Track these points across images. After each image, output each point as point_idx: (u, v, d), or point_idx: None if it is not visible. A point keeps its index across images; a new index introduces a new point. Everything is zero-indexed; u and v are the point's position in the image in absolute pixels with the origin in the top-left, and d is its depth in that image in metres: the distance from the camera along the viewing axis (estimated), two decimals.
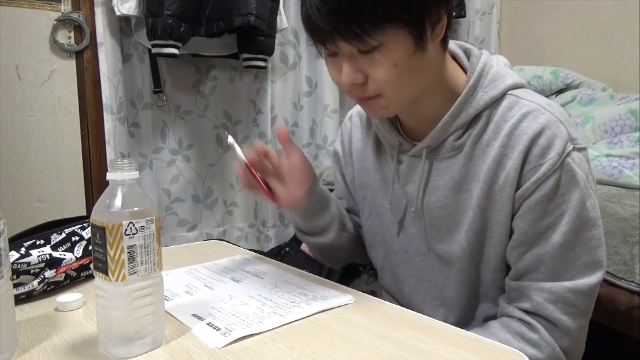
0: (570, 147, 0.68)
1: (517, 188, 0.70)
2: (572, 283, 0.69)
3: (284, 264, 0.87)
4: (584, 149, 0.71)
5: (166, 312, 0.65)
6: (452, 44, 0.78)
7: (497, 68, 0.75)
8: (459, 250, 0.75)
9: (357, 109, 0.94)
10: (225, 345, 0.56)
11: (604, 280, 1.07)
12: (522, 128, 0.69)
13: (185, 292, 0.73)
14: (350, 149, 0.93)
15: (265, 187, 0.78)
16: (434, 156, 0.77)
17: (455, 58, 0.78)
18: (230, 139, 0.78)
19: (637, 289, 1.04)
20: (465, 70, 0.77)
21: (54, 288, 0.72)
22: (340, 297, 0.69)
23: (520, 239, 0.71)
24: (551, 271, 0.69)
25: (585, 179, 0.69)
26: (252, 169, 0.78)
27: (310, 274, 0.81)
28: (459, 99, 0.73)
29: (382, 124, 0.82)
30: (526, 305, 0.71)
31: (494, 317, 0.76)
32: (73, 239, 0.74)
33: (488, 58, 0.76)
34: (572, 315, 0.70)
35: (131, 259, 0.52)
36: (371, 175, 0.88)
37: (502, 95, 0.73)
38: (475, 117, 0.73)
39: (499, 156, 0.71)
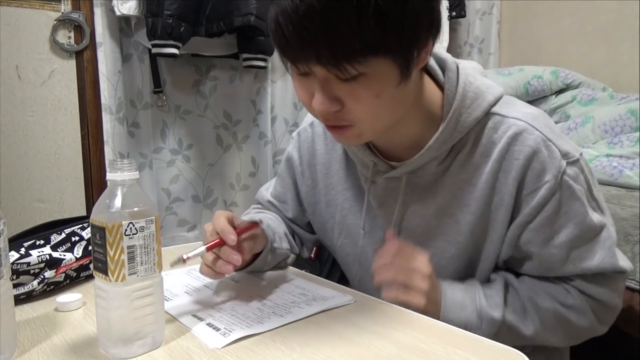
0: (564, 164, 0.67)
1: (514, 213, 0.70)
2: (599, 261, 0.70)
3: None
4: (577, 160, 0.69)
5: (166, 312, 0.65)
6: None
7: (477, 84, 0.71)
8: (440, 270, 0.73)
9: None
10: (225, 346, 0.56)
11: None
12: (513, 152, 0.68)
13: (185, 292, 0.73)
14: (312, 161, 0.88)
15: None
16: (414, 178, 0.74)
17: (429, 72, 0.72)
18: (185, 255, 0.66)
19: (638, 287, 1.04)
20: (440, 85, 0.72)
21: (53, 288, 0.72)
22: (340, 298, 0.69)
23: (538, 264, 0.72)
24: (570, 261, 0.70)
25: (586, 189, 0.69)
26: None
27: (310, 274, 0.81)
28: (444, 124, 0.68)
29: None
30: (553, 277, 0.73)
31: None
32: (73, 239, 0.74)
33: (466, 73, 0.71)
34: (608, 287, 0.72)
35: (131, 259, 0.52)
36: (340, 193, 0.84)
37: (486, 114, 0.70)
38: (459, 141, 0.71)
39: (491, 181, 0.70)
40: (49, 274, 0.69)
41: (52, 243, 0.72)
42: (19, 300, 0.68)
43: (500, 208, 0.70)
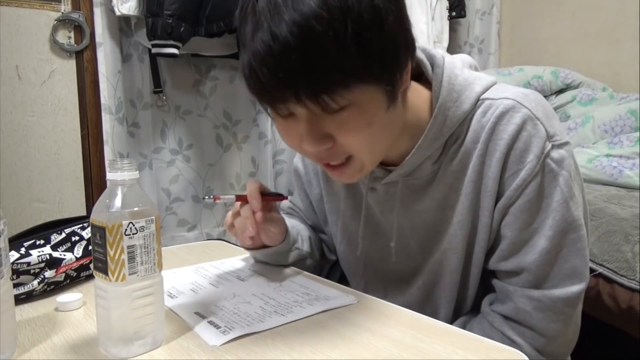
0: (548, 146, 0.64)
1: (498, 197, 0.67)
2: (562, 291, 0.66)
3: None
4: (565, 143, 0.66)
5: (169, 310, 0.65)
6: (417, 50, 0.69)
7: (463, 76, 0.68)
8: (447, 267, 0.73)
9: None
10: (224, 344, 0.56)
11: (606, 278, 1.08)
12: (499, 132, 0.65)
13: (191, 290, 0.73)
14: (315, 168, 0.87)
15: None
16: (411, 180, 0.72)
17: (419, 66, 0.71)
18: (217, 195, 0.73)
19: (638, 287, 1.04)
20: (428, 84, 0.70)
21: (54, 288, 0.72)
22: (343, 298, 0.69)
23: (509, 248, 0.68)
24: (538, 277, 0.67)
25: (568, 176, 0.65)
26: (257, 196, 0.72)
27: (313, 275, 0.81)
28: (431, 121, 0.67)
29: None
30: (508, 309, 0.69)
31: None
32: (73, 239, 0.74)
33: (452, 67, 0.69)
34: (560, 322, 0.67)
35: (131, 259, 0.52)
36: (342, 201, 0.83)
37: (475, 104, 0.68)
38: (452, 135, 0.69)
39: (478, 165, 0.67)
40: (49, 273, 0.69)
41: (52, 243, 0.72)
42: (19, 300, 0.68)
43: (486, 194, 0.67)
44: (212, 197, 0.73)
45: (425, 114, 0.69)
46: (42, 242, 0.71)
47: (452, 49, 2.50)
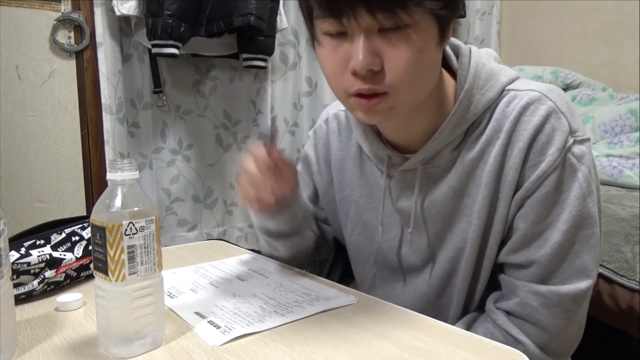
0: (570, 140, 0.65)
1: (517, 188, 0.67)
2: (569, 288, 0.66)
3: (288, 265, 0.87)
4: (586, 140, 0.67)
5: (169, 309, 0.65)
6: None
7: (490, 65, 0.70)
8: (463, 257, 0.72)
9: (333, 111, 0.87)
10: (224, 344, 0.56)
11: (606, 278, 1.08)
12: (523, 123, 0.66)
13: (191, 289, 0.73)
14: (327, 157, 0.87)
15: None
16: (429, 168, 0.72)
17: (444, 58, 0.71)
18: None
19: (638, 287, 1.04)
20: (454, 72, 0.71)
21: (54, 288, 0.72)
22: (343, 298, 0.69)
23: (520, 241, 0.68)
24: (547, 271, 0.66)
25: (587, 172, 0.66)
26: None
27: (313, 275, 0.81)
28: (456, 106, 0.68)
29: (367, 135, 0.76)
30: (513, 304, 0.68)
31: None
32: (73, 239, 0.74)
33: (478, 56, 0.71)
34: (565, 318, 0.67)
35: (131, 259, 0.52)
36: (355, 190, 0.83)
37: (500, 94, 0.69)
38: (474, 123, 0.69)
39: (500, 155, 0.67)
40: (49, 273, 0.69)
41: (52, 243, 0.72)
42: (19, 300, 0.68)
43: (506, 184, 0.67)
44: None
45: (449, 101, 0.70)
46: (42, 242, 0.71)
47: None
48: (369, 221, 0.82)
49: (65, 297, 0.67)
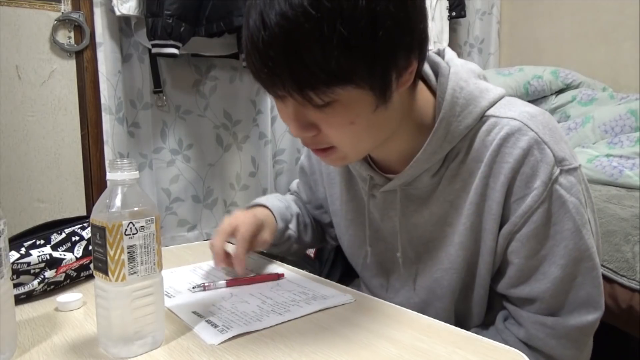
0: (557, 171, 0.61)
1: (502, 222, 0.65)
2: (577, 320, 0.64)
3: (286, 264, 0.87)
4: (575, 169, 0.63)
5: (167, 309, 0.65)
6: None
7: (469, 89, 0.65)
8: (447, 286, 0.72)
9: None
10: (222, 343, 0.56)
11: (606, 278, 1.08)
12: (504, 155, 0.63)
13: (188, 289, 0.73)
14: (319, 169, 0.88)
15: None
16: (410, 189, 0.71)
17: (423, 78, 0.68)
18: (207, 283, 0.74)
19: (638, 287, 1.04)
20: (433, 91, 0.68)
21: (54, 288, 0.72)
22: (340, 297, 0.69)
23: (517, 275, 0.66)
24: (552, 306, 0.65)
25: (577, 203, 0.63)
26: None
27: (311, 274, 0.81)
28: (431, 135, 0.64)
29: None
30: (521, 334, 0.68)
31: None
32: (73, 239, 0.74)
33: (457, 78, 0.66)
34: (574, 348, 0.66)
35: (131, 259, 0.52)
36: (343, 204, 0.83)
37: (479, 119, 0.65)
38: (452, 149, 0.66)
39: (481, 187, 0.65)
40: (49, 273, 0.69)
41: (52, 243, 0.72)
42: (19, 300, 0.68)
43: (489, 217, 0.65)
44: (203, 286, 0.73)
45: (428, 119, 0.67)
46: (42, 242, 0.71)
47: (452, 49, 2.47)
48: (355, 236, 0.83)
49: (65, 297, 0.67)
